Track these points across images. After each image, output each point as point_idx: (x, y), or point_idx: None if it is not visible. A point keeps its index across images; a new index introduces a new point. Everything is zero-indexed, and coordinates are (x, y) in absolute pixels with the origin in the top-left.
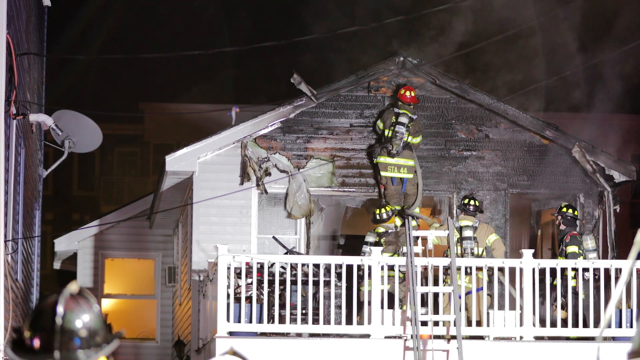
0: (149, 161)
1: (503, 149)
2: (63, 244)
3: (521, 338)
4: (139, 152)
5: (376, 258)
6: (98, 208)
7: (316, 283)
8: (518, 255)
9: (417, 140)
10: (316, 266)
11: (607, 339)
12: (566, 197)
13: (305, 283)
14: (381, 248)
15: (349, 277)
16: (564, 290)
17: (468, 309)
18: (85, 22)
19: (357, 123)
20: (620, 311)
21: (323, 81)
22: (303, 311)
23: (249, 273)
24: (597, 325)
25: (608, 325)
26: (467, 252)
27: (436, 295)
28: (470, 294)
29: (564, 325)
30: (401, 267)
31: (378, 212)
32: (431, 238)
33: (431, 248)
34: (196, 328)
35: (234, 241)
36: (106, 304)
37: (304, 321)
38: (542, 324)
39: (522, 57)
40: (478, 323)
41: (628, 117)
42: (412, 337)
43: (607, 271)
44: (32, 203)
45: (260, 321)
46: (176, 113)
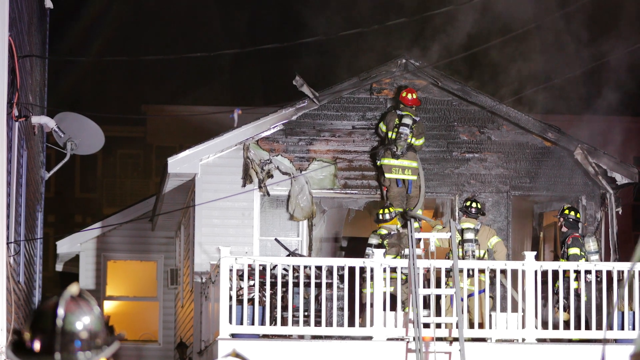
0: (151, 163)
1: (505, 151)
2: (65, 246)
3: (523, 340)
4: (141, 154)
5: (378, 260)
6: (100, 210)
7: (318, 285)
8: (520, 257)
9: (420, 142)
10: (318, 268)
11: (610, 341)
12: (568, 199)
13: (307, 285)
14: (384, 250)
15: (351, 279)
16: (566, 292)
17: (470, 311)
18: (87, 24)
19: (360, 125)
20: (622, 313)
21: (324, 84)
22: (305, 313)
23: (251, 275)
24: (599, 327)
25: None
26: (469, 255)
27: (438, 297)
28: (472, 296)
29: (566, 327)
30: (403, 269)
31: (381, 213)
32: (433, 240)
33: (433, 250)
34: (198, 330)
35: (236, 243)
36: (108, 306)
37: (306, 323)
38: (545, 326)
39: (524, 58)
40: (480, 325)
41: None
42: (415, 339)
43: (609, 273)
44: (34, 205)
45: (262, 323)
46: (178, 115)
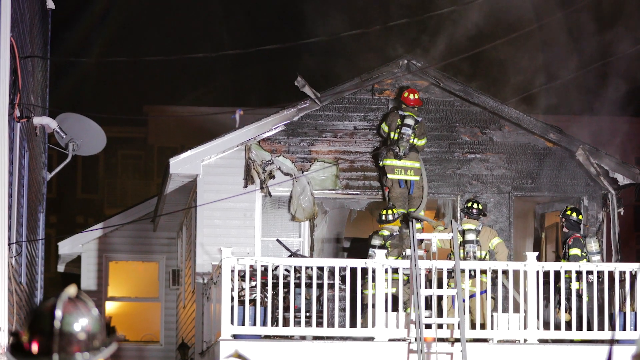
0: (153, 164)
1: (507, 152)
2: (67, 247)
3: (525, 341)
4: (143, 155)
5: (380, 261)
6: (102, 211)
7: (320, 286)
8: (522, 258)
9: (422, 142)
10: (320, 269)
11: (613, 342)
12: (570, 200)
13: (309, 286)
14: (385, 251)
15: (353, 280)
16: (568, 292)
17: (472, 312)
18: (88, 25)
19: (361, 126)
20: (624, 314)
21: (326, 84)
22: (307, 314)
23: (253, 276)
24: (601, 328)
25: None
26: (470, 256)
27: (440, 298)
28: (474, 297)
29: (568, 328)
30: (405, 270)
31: (384, 213)
32: (435, 241)
33: (435, 251)
34: (200, 331)
35: (238, 244)
36: (110, 307)
37: (308, 324)
38: (546, 327)
39: (525, 59)
40: (482, 326)
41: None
42: (416, 340)
43: (611, 274)
44: (36, 206)
45: (264, 324)
46: (180, 116)
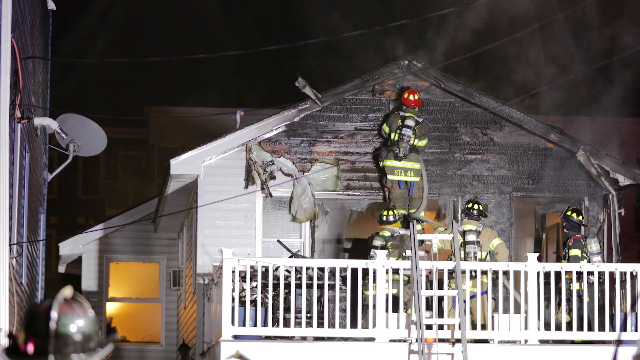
0: (154, 165)
1: (508, 153)
2: (68, 248)
3: (526, 341)
4: (144, 156)
5: (381, 261)
6: (103, 211)
7: (321, 286)
8: (523, 258)
9: (423, 143)
10: (321, 270)
11: (612, 342)
12: (571, 201)
13: (310, 286)
14: (386, 252)
15: (354, 281)
16: (568, 293)
17: (472, 313)
18: (89, 26)
19: (362, 127)
20: (625, 315)
21: (327, 85)
22: (308, 315)
23: (254, 276)
24: (602, 328)
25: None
26: (470, 257)
27: (441, 298)
28: (474, 298)
29: (569, 328)
30: (406, 271)
31: (385, 214)
32: (435, 242)
33: (436, 252)
34: (201, 331)
35: (239, 245)
36: (111, 308)
37: (309, 325)
38: (547, 328)
39: (526, 59)
40: (482, 327)
41: (633, 121)
42: (417, 341)
43: (612, 275)
44: (37, 207)
45: (265, 324)
46: (181, 116)
